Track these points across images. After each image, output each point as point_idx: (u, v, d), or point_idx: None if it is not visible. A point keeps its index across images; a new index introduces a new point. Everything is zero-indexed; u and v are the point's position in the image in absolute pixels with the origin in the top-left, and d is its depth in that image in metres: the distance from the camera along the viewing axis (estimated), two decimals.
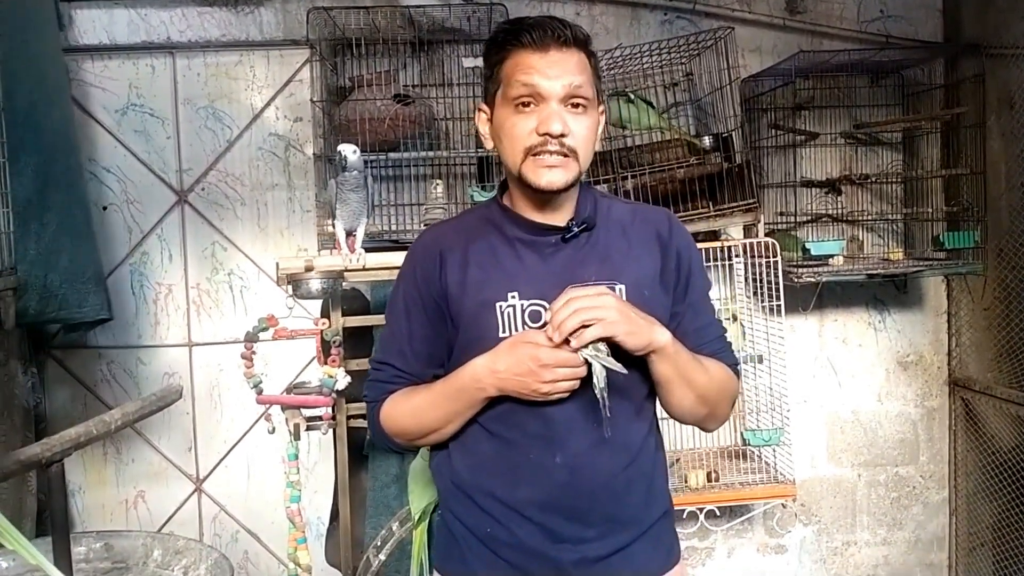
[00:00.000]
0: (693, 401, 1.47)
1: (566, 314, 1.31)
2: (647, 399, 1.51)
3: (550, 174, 1.41)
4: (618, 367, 1.34)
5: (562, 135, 1.39)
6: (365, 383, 1.61)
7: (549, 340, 1.33)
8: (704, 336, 1.53)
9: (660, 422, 1.60)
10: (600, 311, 1.32)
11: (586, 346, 1.34)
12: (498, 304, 1.44)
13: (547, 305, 1.39)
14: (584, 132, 1.42)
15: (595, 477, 1.44)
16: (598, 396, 1.36)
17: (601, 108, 1.51)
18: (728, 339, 1.59)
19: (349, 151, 2.49)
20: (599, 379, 1.35)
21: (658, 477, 1.55)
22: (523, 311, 1.43)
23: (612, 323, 1.32)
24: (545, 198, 1.47)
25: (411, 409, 1.51)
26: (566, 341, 1.33)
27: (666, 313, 1.48)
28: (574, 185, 1.47)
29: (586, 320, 1.31)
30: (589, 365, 1.36)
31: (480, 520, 1.48)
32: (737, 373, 1.57)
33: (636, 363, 1.41)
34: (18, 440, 2.69)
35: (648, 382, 1.47)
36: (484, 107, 1.51)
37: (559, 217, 1.49)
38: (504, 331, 1.43)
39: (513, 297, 1.43)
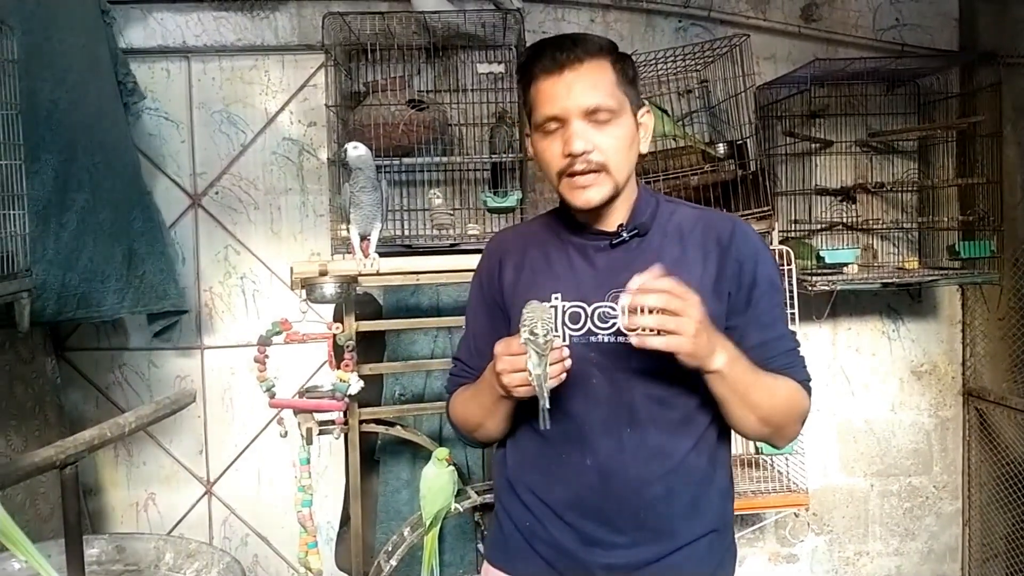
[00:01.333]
0: (755, 422, 1.42)
1: (650, 302, 1.25)
2: (699, 411, 1.45)
3: (585, 193, 1.42)
4: (546, 350, 1.32)
5: (585, 152, 1.39)
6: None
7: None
8: (770, 351, 1.46)
9: None
10: (682, 322, 1.26)
11: (524, 331, 1.32)
12: None
13: (586, 309, 1.44)
14: (612, 143, 1.41)
15: (626, 482, 1.43)
16: (533, 383, 1.33)
17: (645, 109, 1.51)
18: (800, 353, 1.52)
19: (350, 147, 2.50)
20: (533, 365, 1.32)
21: (710, 494, 1.49)
22: (564, 312, 1.46)
23: (680, 342, 1.27)
24: (588, 212, 1.48)
25: (462, 403, 1.60)
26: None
27: (719, 323, 1.41)
28: (616, 196, 1.46)
29: (665, 326, 1.26)
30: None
31: (522, 514, 1.53)
32: (808, 389, 1.50)
33: (688, 375, 1.37)
34: (55, 435, 2.70)
35: (698, 395, 1.43)
36: (529, 127, 1.53)
37: (610, 222, 1.50)
38: None
39: (556, 298, 1.46)
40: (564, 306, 1.46)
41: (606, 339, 1.43)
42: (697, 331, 1.27)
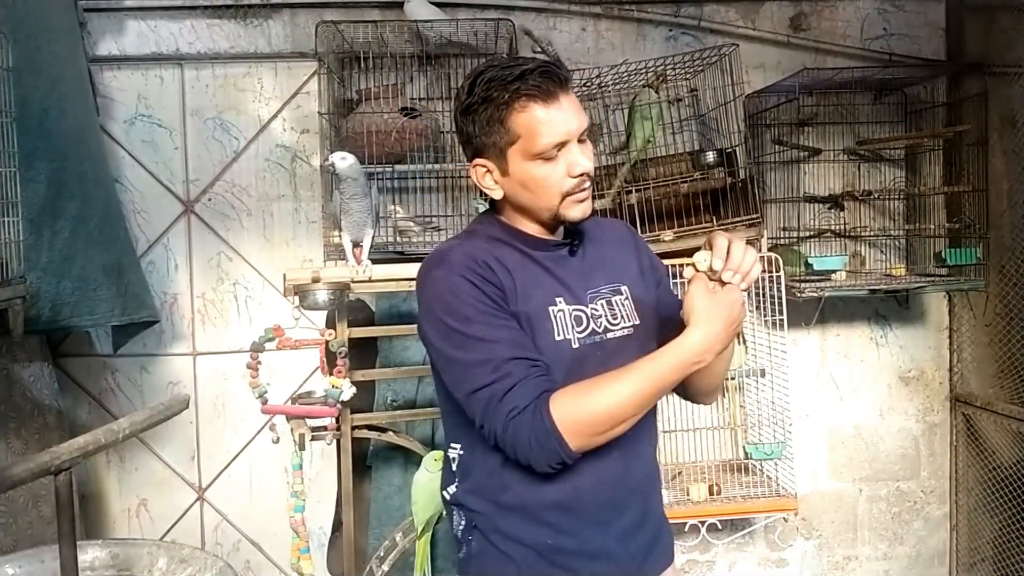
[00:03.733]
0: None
1: (750, 263, 1.40)
2: None
3: (583, 207, 1.50)
4: None
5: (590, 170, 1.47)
6: (487, 403, 1.39)
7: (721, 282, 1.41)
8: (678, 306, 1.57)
9: (660, 436, 1.66)
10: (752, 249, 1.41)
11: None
12: (551, 309, 1.48)
13: (585, 311, 1.50)
14: (592, 157, 1.49)
15: (640, 465, 1.55)
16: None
17: None
18: None
19: (338, 159, 2.52)
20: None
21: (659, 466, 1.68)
22: (570, 315, 1.49)
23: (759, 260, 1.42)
24: (559, 224, 1.54)
25: (608, 400, 1.36)
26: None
27: (656, 305, 1.62)
28: None
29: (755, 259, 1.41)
30: None
31: (540, 533, 1.48)
32: None
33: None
34: (55, 439, 2.71)
35: None
36: (485, 162, 1.50)
37: (557, 234, 1.58)
38: (559, 335, 1.46)
39: (561, 302, 1.49)
40: (569, 309, 1.49)
41: (605, 337, 1.51)
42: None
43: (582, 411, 1.35)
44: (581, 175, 1.45)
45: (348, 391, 2.51)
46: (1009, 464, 3.18)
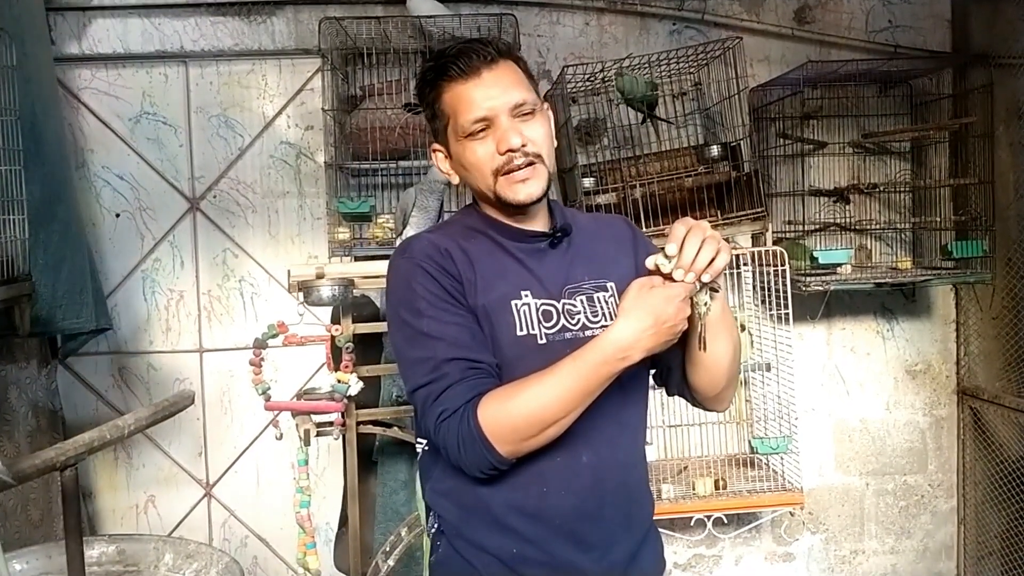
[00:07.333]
0: (732, 354, 1.47)
1: (706, 258, 1.30)
2: (644, 397, 1.52)
3: (525, 188, 1.41)
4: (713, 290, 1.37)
5: (523, 145, 1.39)
6: (423, 404, 1.37)
7: (675, 280, 1.32)
8: None
9: (666, 430, 1.60)
10: (717, 239, 1.32)
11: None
12: (513, 302, 1.41)
13: (556, 306, 1.41)
14: (541, 133, 1.42)
15: (616, 474, 1.43)
16: (699, 325, 1.38)
17: (546, 106, 1.51)
18: None
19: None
20: (703, 302, 1.36)
21: (647, 479, 1.56)
22: (537, 309, 1.42)
23: (727, 250, 1.33)
24: (523, 211, 1.46)
25: (530, 402, 1.32)
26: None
27: None
28: (548, 191, 1.47)
29: (716, 251, 1.31)
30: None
31: (504, 541, 1.40)
32: None
33: (642, 360, 1.37)
34: (46, 441, 2.74)
35: (644, 381, 1.50)
36: (438, 146, 1.50)
37: (538, 225, 1.50)
38: (521, 329, 1.40)
39: (527, 295, 1.42)
40: (536, 303, 1.42)
41: (581, 335, 1.42)
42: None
43: (506, 415, 1.31)
44: (507, 151, 1.38)
45: (355, 386, 2.51)
46: (1017, 458, 3.17)
